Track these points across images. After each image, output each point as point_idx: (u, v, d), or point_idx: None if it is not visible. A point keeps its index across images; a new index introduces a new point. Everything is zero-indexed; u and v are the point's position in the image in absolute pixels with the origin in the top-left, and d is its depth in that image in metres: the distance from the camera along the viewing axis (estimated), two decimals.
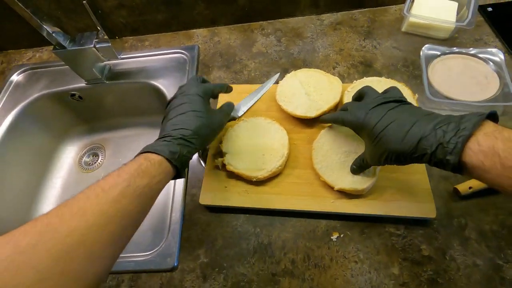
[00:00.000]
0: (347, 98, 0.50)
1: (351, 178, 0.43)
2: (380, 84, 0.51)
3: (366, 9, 0.69)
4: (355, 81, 0.52)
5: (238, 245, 0.44)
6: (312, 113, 0.49)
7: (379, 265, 0.40)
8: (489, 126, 0.26)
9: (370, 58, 0.61)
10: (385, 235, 0.42)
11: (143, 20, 0.71)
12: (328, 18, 0.70)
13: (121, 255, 0.44)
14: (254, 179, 0.46)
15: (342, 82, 0.52)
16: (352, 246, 0.42)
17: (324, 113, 0.50)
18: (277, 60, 0.64)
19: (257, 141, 0.49)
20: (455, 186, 0.43)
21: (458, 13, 0.60)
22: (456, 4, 0.61)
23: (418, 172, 0.45)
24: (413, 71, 0.58)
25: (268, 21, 0.72)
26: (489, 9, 0.64)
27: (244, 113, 0.55)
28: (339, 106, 0.52)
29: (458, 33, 0.62)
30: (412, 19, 0.61)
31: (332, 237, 0.43)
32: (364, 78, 0.53)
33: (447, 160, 0.27)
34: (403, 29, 0.64)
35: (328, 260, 0.42)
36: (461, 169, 0.27)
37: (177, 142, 0.36)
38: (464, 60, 0.57)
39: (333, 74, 0.60)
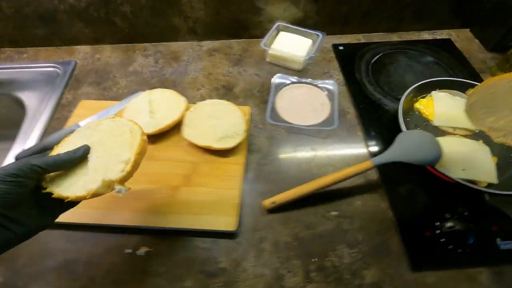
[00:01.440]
0: (188, 117, 0.54)
1: None
2: (214, 105, 0.56)
3: (241, 39, 0.76)
4: (198, 102, 0.56)
5: (42, 262, 0.43)
6: (150, 130, 0.52)
7: (175, 278, 0.42)
8: None
9: (233, 83, 0.67)
10: (191, 248, 0.44)
11: (21, 33, 0.71)
12: (208, 45, 0.75)
13: None
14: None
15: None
16: (157, 260, 0.43)
17: (162, 130, 0.53)
18: (149, 80, 0.68)
19: None
20: (262, 202, 0.47)
21: (310, 49, 0.69)
22: (310, 42, 0.70)
23: (231, 188, 0.48)
24: (265, 96, 0.64)
25: (152, 43, 0.76)
26: (341, 47, 0.74)
27: None
28: (180, 125, 0.54)
29: (312, 66, 0.70)
30: (271, 51, 0.68)
31: (139, 252, 0.44)
32: (207, 100, 0.57)
33: None
34: (267, 59, 0.71)
35: (129, 276, 0.42)
36: None
37: None
38: (308, 89, 0.64)
39: (196, 95, 0.64)
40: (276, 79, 0.64)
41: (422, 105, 0.59)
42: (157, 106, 0.56)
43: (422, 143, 0.46)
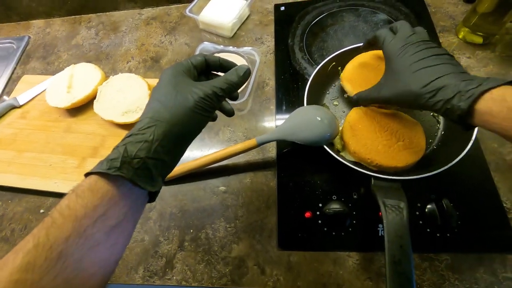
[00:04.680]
0: (100, 92, 0.56)
1: None
2: (124, 79, 0.56)
3: (181, 4, 0.72)
4: (110, 76, 0.57)
5: None
6: (64, 104, 0.56)
7: None
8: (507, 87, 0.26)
9: (161, 54, 0.66)
10: None
11: None
12: (147, 12, 0.73)
13: None
14: None
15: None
16: None
17: (76, 105, 0.56)
18: (86, 53, 0.70)
19: None
20: None
21: (243, 12, 0.63)
22: (243, 3, 0.63)
23: None
24: None
25: (97, 13, 0.76)
26: (282, 8, 0.66)
27: (27, 102, 0.62)
28: (95, 97, 0.57)
29: (245, 32, 0.65)
30: (200, 18, 0.64)
31: (50, 212, 0.51)
32: (114, 75, 0.57)
33: (458, 106, 0.28)
34: (200, 26, 0.67)
35: None
36: (469, 116, 0.28)
37: (123, 142, 0.25)
38: (232, 58, 0.59)
39: (125, 68, 0.65)
40: (202, 48, 0.61)
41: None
42: (76, 80, 0.58)
43: (310, 121, 0.42)
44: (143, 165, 0.25)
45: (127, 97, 0.54)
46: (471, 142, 0.38)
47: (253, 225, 0.45)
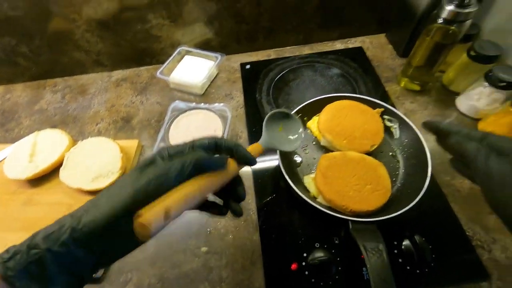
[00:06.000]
0: (67, 158, 0.54)
1: None
2: (94, 143, 0.55)
3: (151, 66, 0.76)
4: (79, 141, 0.56)
5: None
6: (26, 175, 0.52)
7: None
8: None
9: (133, 113, 0.66)
10: None
11: None
12: (117, 74, 0.75)
13: None
14: None
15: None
16: None
17: (39, 174, 0.53)
18: (52, 117, 0.68)
19: None
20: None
21: (212, 72, 0.68)
22: (212, 63, 0.69)
23: None
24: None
25: (64, 77, 0.76)
26: (247, 66, 0.72)
27: None
28: (61, 164, 0.54)
29: (215, 89, 0.69)
30: (172, 80, 0.68)
31: None
32: (83, 140, 0.56)
33: None
34: (171, 86, 0.71)
35: None
36: None
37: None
38: (204, 114, 0.63)
39: (94, 130, 0.64)
40: (174, 106, 0.63)
41: (314, 123, 0.57)
42: (40, 148, 0.56)
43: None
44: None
45: (96, 162, 0.52)
46: (428, 179, 0.42)
47: (239, 286, 0.43)
